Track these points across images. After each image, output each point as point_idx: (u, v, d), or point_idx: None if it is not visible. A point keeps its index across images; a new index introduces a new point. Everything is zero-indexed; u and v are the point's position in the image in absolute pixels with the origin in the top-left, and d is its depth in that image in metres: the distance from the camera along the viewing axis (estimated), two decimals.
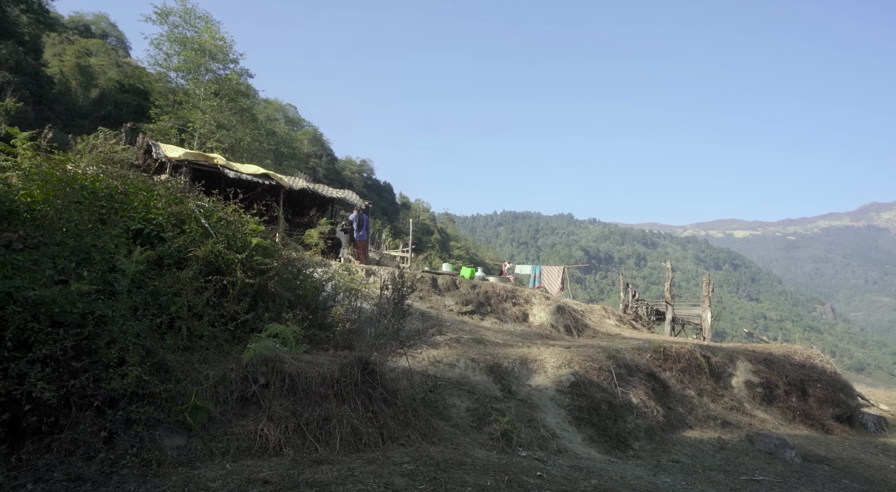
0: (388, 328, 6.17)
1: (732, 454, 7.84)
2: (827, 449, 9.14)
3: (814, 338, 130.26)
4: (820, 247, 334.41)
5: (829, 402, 11.88)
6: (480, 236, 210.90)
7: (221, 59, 29.35)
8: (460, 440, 5.90)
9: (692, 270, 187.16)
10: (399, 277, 6.69)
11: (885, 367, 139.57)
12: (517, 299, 14.32)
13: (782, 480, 6.83)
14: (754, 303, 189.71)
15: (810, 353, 13.31)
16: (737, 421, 9.90)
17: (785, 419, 10.98)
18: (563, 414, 7.62)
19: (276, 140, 41.60)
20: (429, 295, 13.05)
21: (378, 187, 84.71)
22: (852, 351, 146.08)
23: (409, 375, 6.74)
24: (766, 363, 12.00)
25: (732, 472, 6.93)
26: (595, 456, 6.85)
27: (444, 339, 9.08)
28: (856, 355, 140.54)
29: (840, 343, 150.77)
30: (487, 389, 7.41)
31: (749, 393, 11.29)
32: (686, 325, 22.80)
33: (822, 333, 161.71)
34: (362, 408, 5.27)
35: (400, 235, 53.94)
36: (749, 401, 11.12)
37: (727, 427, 9.46)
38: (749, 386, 11.40)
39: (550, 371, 8.40)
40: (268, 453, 4.47)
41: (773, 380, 11.66)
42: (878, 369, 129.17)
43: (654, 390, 9.40)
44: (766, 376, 11.66)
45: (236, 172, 14.67)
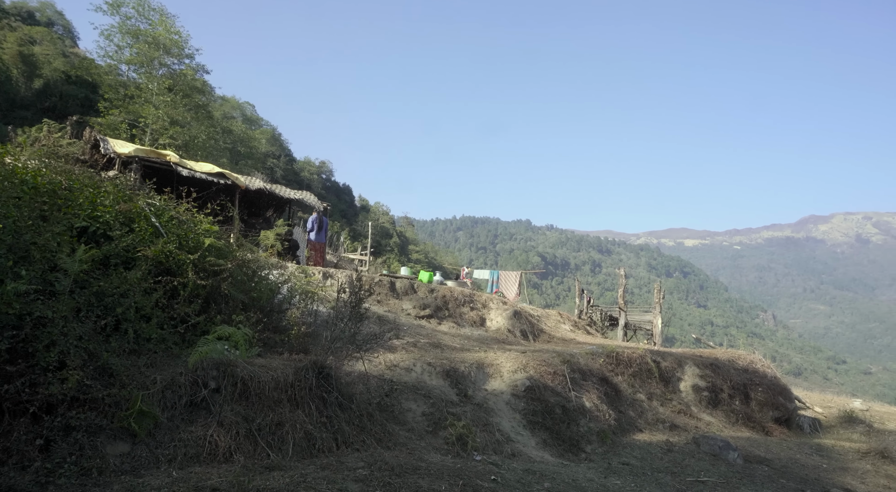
0: (344, 332, 6.10)
1: (679, 456, 8.09)
2: (766, 450, 9.54)
3: (756, 344, 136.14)
4: (763, 256, 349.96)
5: (769, 405, 12.42)
6: (439, 241, 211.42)
7: (176, 53, 28.52)
8: (416, 445, 5.89)
9: (645, 277, 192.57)
10: (357, 280, 6.62)
11: (820, 371, 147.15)
12: (475, 304, 14.41)
13: (725, 480, 7.10)
14: (702, 309, 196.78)
15: (753, 358, 13.89)
16: (684, 424, 10.23)
17: (729, 422, 11.42)
18: (518, 418, 7.70)
19: (233, 138, 40.66)
20: (386, 299, 12.98)
21: (337, 189, 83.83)
22: (791, 356, 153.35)
23: (365, 379, 6.68)
24: (712, 368, 12.45)
25: (679, 473, 7.16)
26: (548, 459, 6.95)
27: (402, 343, 9.04)
28: (794, 360, 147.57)
29: (780, 349, 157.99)
30: (444, 393, 7.42)
31: (696, 397, 11.69)
32: (638, 330, 23.44)
33: (764, 339, 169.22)
34: (317, 413, 5.19)
35: (359, 237, 53.50)
36: (696, 404, 11.51)
37: (675, 430, 9.76)
38: (696, 390, 11.80)
39: (506, 376, 8.48)
40: (217, 459, 4.35)
41: (718, 384, 12.10)
42: (813, 374, 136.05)
43: (606, 394, 9.62)
44: (712, 380, 12.10)
45: (190, 170, 14.26)
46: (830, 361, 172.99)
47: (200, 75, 32.68)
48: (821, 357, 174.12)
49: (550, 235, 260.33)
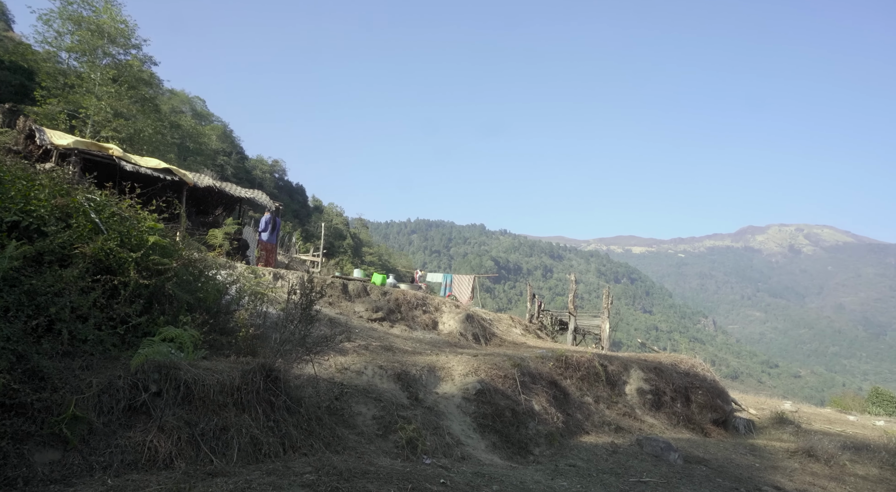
0: (294, 334, 5.98)
1: (624, 458, 8.33)
2: (705, 451, 9.94)
3: (697, 348, 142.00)
4: (705, 264, 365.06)
5: (708, 407, 12.95)
6: (394, 243, 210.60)
7: (122, 43, 27.33)
8: (365, 449, 5.83)
9: (594, 283, 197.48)
10: (308, 281, 6.51)
11: (755, 375, 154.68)
12: (427, 307, 14.41)
13: (666, 481, 7.35)
14: (648, 315, 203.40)
15: (694, 362, 14.45)
16: (629, 426, 10.53)
17: (671, 424, 11.83)
18: (469, 421, 7.74)
19: (182, 134, 39.29)
20: (339, 301, 12.82)
21: (290, 189, 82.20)
22: (729, 360, 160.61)
23: (314, 382, 6.57)
24: (656, 372, 12.88)
25: (623, 474, 7.36)
26: (497, 462, 7.02)
27: (353, 346, 8.94)
28: (731, 364, 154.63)
29: (719, 353, 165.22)
30: (395, 396, 7.39)
31: (640, 400, 12.06)
32: (587, 334, 23.99)
33: (705, 343, 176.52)
34: (264, 417, 5.07)
35: (311, 238, 52.60)
36: (640, 407, 11.88)
37: (620, 432, 10.04)
38: (640, 393, 12.17)
39: (458, 379, 8.52)
40: (157, 466, 4.18)
41: (661, 387, 12.53)
42: (749, 377, 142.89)
43: (555, 397, 9.80)
44: (655, 383, 12.51)
45: (134, 164, 13.70)
46: (764, 365, 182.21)
47: (148, 67, 31.45)
48: (755, 361, 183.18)
49: (504, 240, 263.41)
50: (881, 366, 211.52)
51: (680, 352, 16.66)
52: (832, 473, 9.65)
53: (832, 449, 10.41)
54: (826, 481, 9.18)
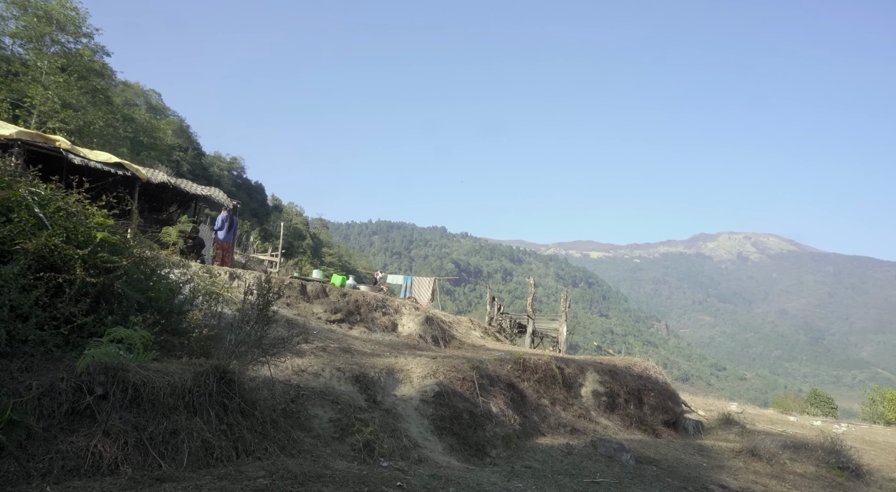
0: (250, 335, 5.86)
1: (578, 459, 8.48)
2: (656, 451, 10.23)
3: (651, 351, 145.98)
4: (659, 270, 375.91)
5: (660, 409, 13.33)
6: (354, 244, 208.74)
7: (72, 31, 26.19)
8: (321, 452, 5.76)
9: (553, 287, 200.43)
10: (266, 281, 6.39)
11: (704, 377, 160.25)
12: (387, 309, 14.34)
13: (618, 481, 7.53)
14: (604, 318, 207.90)
15: (647, 365, 14.86)
16: (583, 428, 10.74)
17: (624, 425, 12.13)
18: (427, 424, 7.74)
19: (135, 127, 37.88)
20: (297, 302, 12.62)
21: (249, 187, 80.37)
22: (680, 363, 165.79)
23: (270, 384, 6.44)
24: (610, 374, 13.18)
25: (577, 475, 7.50)
26: (455, 464, 7.04)
27: (311, 347, 8.82)
28: (682, 367, 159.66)
29: (671, 356, 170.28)
30: (352, 399, 7.32)
31: (595, 402, 12.31)
32: (545, 337, 24.33)
33: (658, 347, 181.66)
34: (216, 420, 4.94)
35: (270, 238, 51.58)
36: (595, 409, 12.13)
37: (575, 434, 10.22)
38: (596, 395, 12.43)
39: (416, 381, 8.51)
40: (101, 472, 4.02)
41: (616, 390, 12.83)
42: (698, 379, 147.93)
43: (512, 399, 9.90)
44: (610, 386, 12.80)
45: (83, 158, 13.15)
46: (713, 367, 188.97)
47: (100, 57, 30.21)
48: (705, 364, 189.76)
49: (465, 243, 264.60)
50: (819, 369, 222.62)
51: (634, 355, 17.10)
52: (773, 471, 10.09)
53: (774, 448, 10.88)
54: (767, 479, 9.58)
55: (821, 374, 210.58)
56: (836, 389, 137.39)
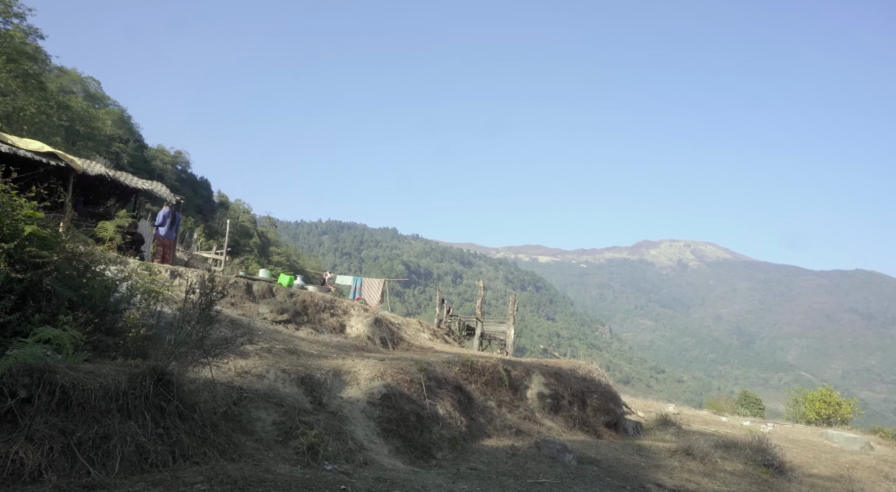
0: (191, 335, 5.66)
1: (522, 460, 8.62)
2: (597, 452, 10.52)
3: (595, 354, 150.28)
4: (604, 275, 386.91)
5: (602, 410, 13.73)
6: (303, 244, 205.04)
7: (1, 10, 24.62)
8: (263, 456, 5.63)
9: (502, 290, 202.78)
10: (209, 280, 6.19)
11: (644, 379, 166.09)
12: (335, 310, 14.16)
13: (560, 481, 7.70)
14: (551, 322, 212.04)
15: (591, 368, 15.27)
16: (528, 429, 10.92)
17: (567, 427, 12.41)
18: (373, 426, 7.69)
19: (71, 116, 35.86)
20: (242, 301, 12.28)
21: (193, 182, 77.56)
22: (622, 366, 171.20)
23: (211, 386, 6.24)
24: (555, 377, 13.47)
25: (521, 476, 7.63)
26: (400, 467, 7.02)
27: (255, 348, 8.60)
28: (624, 370, 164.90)
29: (614, 359, 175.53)
30: (297, 401, 7.19)
31: (540, 404, 12.55)
32: (493, 340, 24.62)
33: (602, 350, 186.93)
34: (152, 424, 4.75)
35: (215, 235, 50.01)
36: (540, 411, 12.36)
37: (520, 435, 10.39)
38: (541, 397, 12.67)
39: (363, 383, 8.44)
40: (22, 479, 3.79)
41: (560, 392, 13.12)
42: (639, 382, 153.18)
43: (459, 401, 9.97)
44: (555, 388, 13.08)
45: (11, 146, 12.38)
46: (653, 370, 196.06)
47: (33, 40, 28.49)
48: (645, 367, 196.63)
49: (416, 245, 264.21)
50: (749, 371, 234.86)
51: (579, 358, 17.57)
52: (706, 469, 10.57)
53: (706, 448, 11.39)
54: (700, 477, 10.03)
55: (751, 376, 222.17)
56: (764, 390, 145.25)
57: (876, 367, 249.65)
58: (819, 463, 13.19)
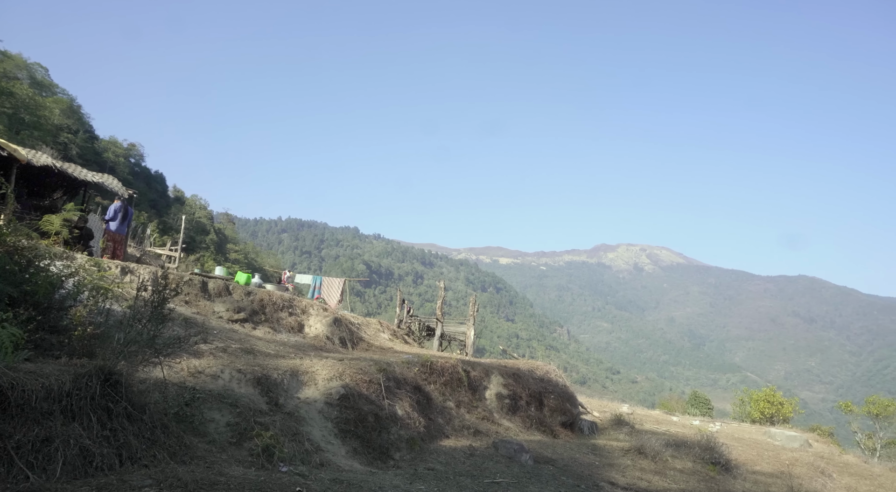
0: (142, 334, 5.47)
1: (480, 460, 8.69)
2: (553, 451, 10.69)
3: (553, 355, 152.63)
4: (563, 277, 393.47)
5: (559, 410, 13.95)
6: (262, 241, 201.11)
7: None
8: (216, 458, 5.49)
9: (462, 291, 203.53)
10: (162, 277, 6.00)
11: (600, 380, 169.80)
12: (294, 309, 13.94)
13: (517, 480, 7.80)
14: (510, 323, 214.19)
15: (548, 368, 15.51)
16: (486, 430, 11.01)
17: (525, 427, 12.57)
18: (330, 427, 7.61)
19: (15, 103, 34.19)
20: (196, 300, 11.95)
21: (147, 176, 75.05)
22: (579, 367, 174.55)
23: (163, 387, 6.05)
24: (514, 377, 13.61)
25: (478, 476, 7.68)
26: (357, 468, 6.97)
27: (210, 348, 8.38)
28: (581, 371, 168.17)
29: (571, 360, 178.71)
30: (253, 401, 7.04)
31: (499, 404, 12.66)
32: (453, 341, 24.71)
33: (559, 351, 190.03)
34: (98, 426, 4.56)
35: (169, 231, 48.45)
36: (498, 411, 12.47)
37: (478, 435, 10.46)
38: (499, 398, 12.79)
39: (321, 383, 8.34)
40: None
41: (518, 392, 13.27)
42: (595, 382, 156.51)
43: (418, 402, 9.96)
44: (513, 388, 13.22)
45: None
46: (608, 371, 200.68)
47: None
48: (601, 368, 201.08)
49: (377, 245, 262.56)
50: (700, 373, 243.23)
51: (537, 359, 17.82)
52: (657, 468, 10.88)
53: (658, 447, 11.74)
54: (651, 475, 10.32)
55: (701, 377, 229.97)
56: (713, 391, 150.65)
57: (815, 368, 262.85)
58: (762, 460, 13.77)
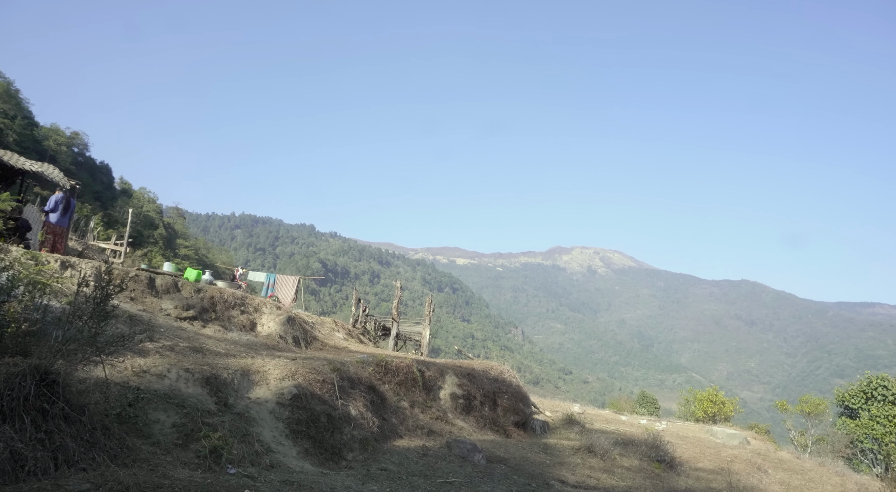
0: (82, 332, 5.23)
1: (433, 460, 8.71)
2: (506, 451, 10.82)
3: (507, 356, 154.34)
4: (519, 279, 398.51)
5: (512, 410, 14.12)
6: (214, 237, 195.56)
7: None
8: (160, 460, 5.30)
9: (419, 291, 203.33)
10: (106, 272, 5.75)
11: (553, 380, 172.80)
12: (246, 307, 13.61)
13: (469, 480, 7.86)
14: (466, 323, 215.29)
15: (502, 369, 15.68)
16: (440, 430, 11.04)
17: (478, 426, 12.66)
18: (282, 427, 7.47)
19: None
20: (143, 296, 11.51)
21: (92, 167, 71.79)
22: (532, 367, 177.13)
23: (104, 387, 5.80)
24: (468, 377, 13.70)
25: (431, 476, 7.70)
26: (309, 469, 6.87)
27: (156, 346, 8.09)
28: (534, 371, 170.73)
29: (525, 361, 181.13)
30: (201, 402, 6.83)
31: (453, 404, 12.72)
32: (408, 341, 24.66)
33: (514, 351, 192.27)
34: (32, 428, 4.34)
35: (115, 225, 46.52)
36: (452, 411, 12.52)
37: (432, 435, 10.48)
38: (454, 398, 12.85)
39: (273, 383, 8.18)
40: None
41: (472, 392, 13.36)
42: (548, 382, 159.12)
43: (372, 402, 9.90)
44: (468, 388, 13.31)
45: None
46: (561, 371, 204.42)
47: None
48: (554, 368, 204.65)
49: (333, 243, 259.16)
50: (648, 373, 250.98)
51: (492, 359, 17.99)
52: (605, 466, 11.17)
53: (607, 445, 12.05)
54: (600, 473, 10.59)
55: (649, 378, 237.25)
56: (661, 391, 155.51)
57: (755, 369, 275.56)
58: (704, 457, 14.33)
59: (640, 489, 9.96)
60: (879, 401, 24.97)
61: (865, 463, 23.76)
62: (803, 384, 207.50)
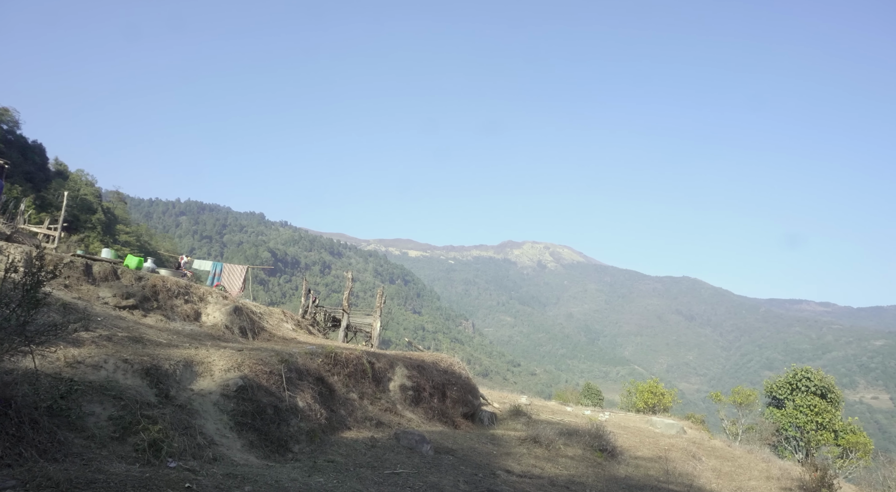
0: (9, 320, 4.94)
1: (381, 451, 8.71)
2: (454, 442, 10.94)
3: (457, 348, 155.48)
4: (471, 272, 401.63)
5: (461, 402, 14.28)
6: (158, 224, 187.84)
7: None
8: (95, 454, 5.09)
9: (371, 282, 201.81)
10: (37, 257, 5.44)
11: (502, 372, 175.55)
12: (190, 296, 13.18)
13: (417, 471, 7.91)
14: (417, 315, 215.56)
15: (452, 361, 15.81)
16: (389, 421, 11.05)
17: (427, 418, 12.75)
18: (226, 420, 7.30)
19: None
20: (78, 284, 10.97)
21: (23, 146, 67.38)
22: (482, 359, 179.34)
23: (33, 378, 5.51)
24: (418, 369, 13.75)
25: (379, 467, 7.71)
26: (253, 462, 6.75)
27: (92, 336, 7.73)
28: (484, 363, 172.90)
29: (475, 353, 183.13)
30: (140, 394, 6.58)
31: (402, 396, 12.74)
32: (358, 332, 24.48)
33: (464, 344, 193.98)
34: None
35: (48, 208, 44.00)
36: (401, 403, 12.55)
37: (381, 427, 10.47)
38: (403, 389, 12.87)
39: (218, 375, 7.97)
40: None
41: (422, 384, 13.43)
42: (497, 375, 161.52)
43: (321, 393, 9.80)
44: (417, 380, 13.36)
45: None
46: (510, 364, 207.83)
47: None
48: (503, 361, 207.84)
49: (284, 232, 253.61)
50: (594, 365, 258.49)
51: (442, 351, 18.11)
52: (549, 455, 11.47)
53: (552, 435, 12.37)
54: (544, 462, 10.86)
55: (594, 370, 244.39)
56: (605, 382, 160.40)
57: (693, 362, 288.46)
58: (644, 446, 14.92)
59: (582, 478, 10.29)
60: (803, 392, 26.64)
61: (789, 450, 25.36)
62: (736, 376, 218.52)
